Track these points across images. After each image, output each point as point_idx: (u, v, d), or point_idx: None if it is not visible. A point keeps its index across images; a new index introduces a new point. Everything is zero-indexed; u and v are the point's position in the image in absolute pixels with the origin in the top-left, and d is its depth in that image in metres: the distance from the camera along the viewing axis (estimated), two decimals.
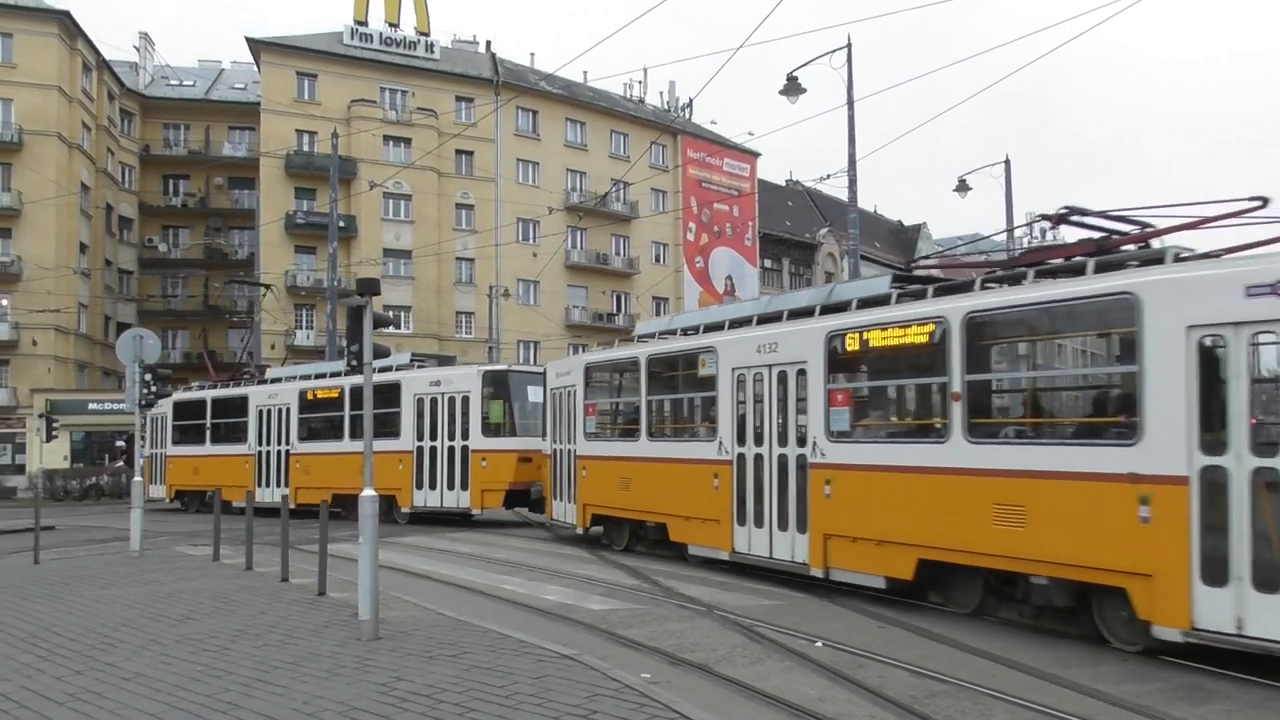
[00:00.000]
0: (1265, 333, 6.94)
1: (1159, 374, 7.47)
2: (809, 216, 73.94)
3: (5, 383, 41.73)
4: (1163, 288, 7.54)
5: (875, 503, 9.96)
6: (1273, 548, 6.72)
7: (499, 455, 19.16)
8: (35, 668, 6.96)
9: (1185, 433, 7.24)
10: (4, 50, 43.47)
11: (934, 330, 9.39)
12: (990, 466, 8.72)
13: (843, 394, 10.81)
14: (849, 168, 22.80)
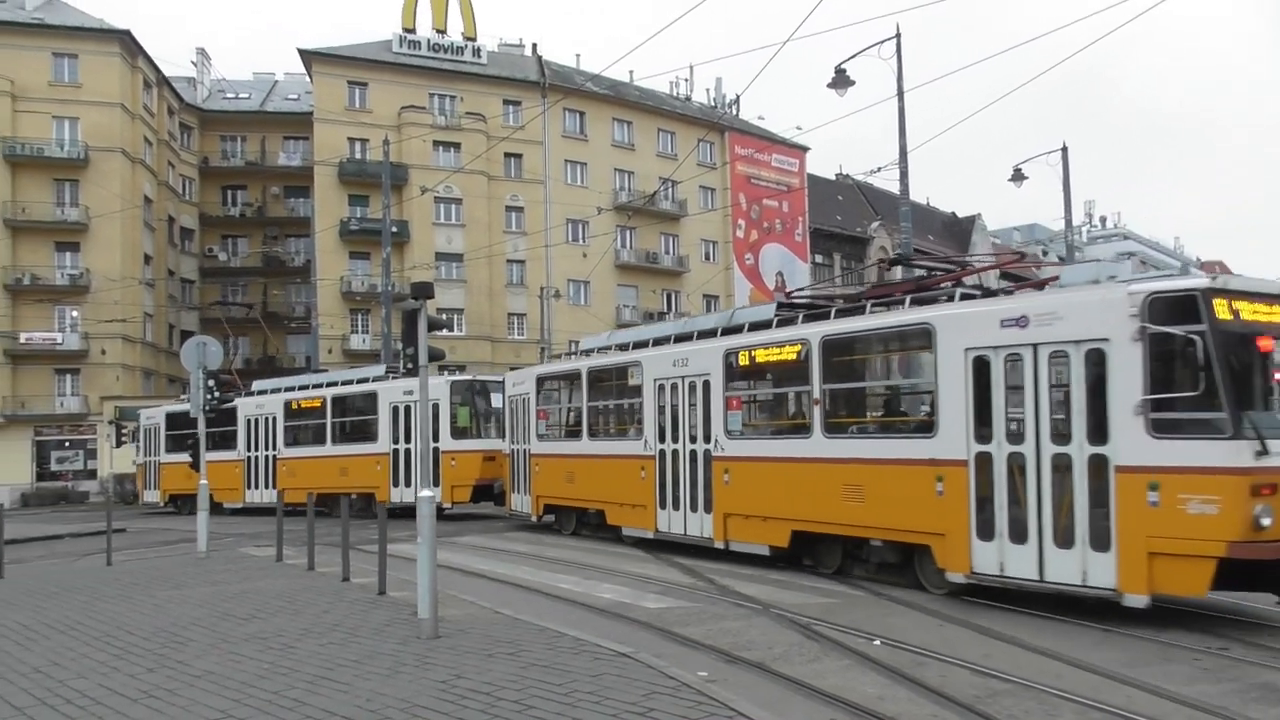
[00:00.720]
0: (1012, 353, 9.38)
1: (947, 384, 9.93)
2: (860, 210, 73.23)
3: (77, 391, 43.00)
4: (949, 319, 10.16)
5: (761, 487, 12.49)
6: (1022, 511, 9.14)
7: (466, 455, 21.27)
8: (110, 665, 7.18)
9: (965, 427, 9.67)
10: (69, 71, 44.75)
11: (801, 349, 11.94)
12: (841, 456, 11.26)
13: (736, 400, 13.50)
14: (900, 160, 22.57)
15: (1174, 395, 8.32)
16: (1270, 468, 7.97)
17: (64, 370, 43.98)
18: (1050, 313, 9.17)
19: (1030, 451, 9.17)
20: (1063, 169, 29.95)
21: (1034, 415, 9.19)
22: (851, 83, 21.76)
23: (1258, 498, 7.94)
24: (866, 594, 10.17)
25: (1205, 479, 8.08)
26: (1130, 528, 8.38)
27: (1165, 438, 8.28)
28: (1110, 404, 8.61)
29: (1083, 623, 8.53)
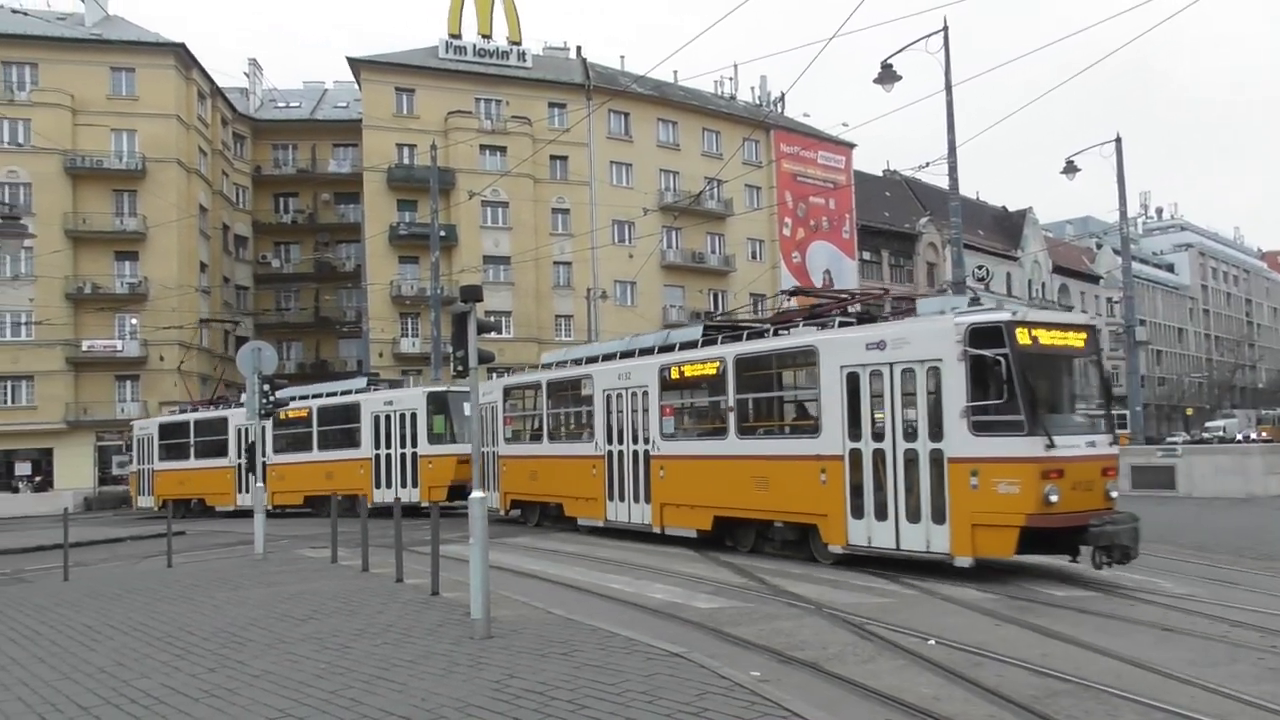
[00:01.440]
0: (875, 370, 11.74)
1: (828, 394, 12.28)
2: (908, 206, 72.48)
3: (136, 397, 44.02)
4: (828, 342, 12.60)
5: (689, 480, 15.06)
6: (884, 495, 11.51)
7: (441, 459, 23.60)
8: (172, 665, 7.32)
9: (841, 429, 12.08)
10: (127, 84, 45.83)
11: (719, 366, 14.46)
12: (751, 454, 13.72)
13: (669, 407, 15.84)
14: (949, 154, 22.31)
15: (987, 403, 10.68)
16: (1057, 457, 10.47)
17: (124, 377, 45.05)
18: (901, 338, 11.63)
19: (889, 448, 11.57)
20: (1116, 160, 29.36)
21: (891, 419, 11.61)
22: (898, 78, 21.57)
23: (1047, 480, 10.36)
24: (920, 593, 10.05)
25: (1009, 466, 10.50)
26: (959, 505, 10.80)
27: (982, 435, 10.68)
28: (945, 410, 10.96)
29: (1142, 622, 8.37)
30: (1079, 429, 11.28)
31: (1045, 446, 10.43)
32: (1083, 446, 10.99)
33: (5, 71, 44.12)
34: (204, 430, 29.13)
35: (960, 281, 23.19)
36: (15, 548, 20.06)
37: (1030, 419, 10.50)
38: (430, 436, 23.80)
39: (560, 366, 19.29)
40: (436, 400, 24.17)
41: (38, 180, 43.77)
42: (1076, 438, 10.96)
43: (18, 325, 43.16)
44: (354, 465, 24.73)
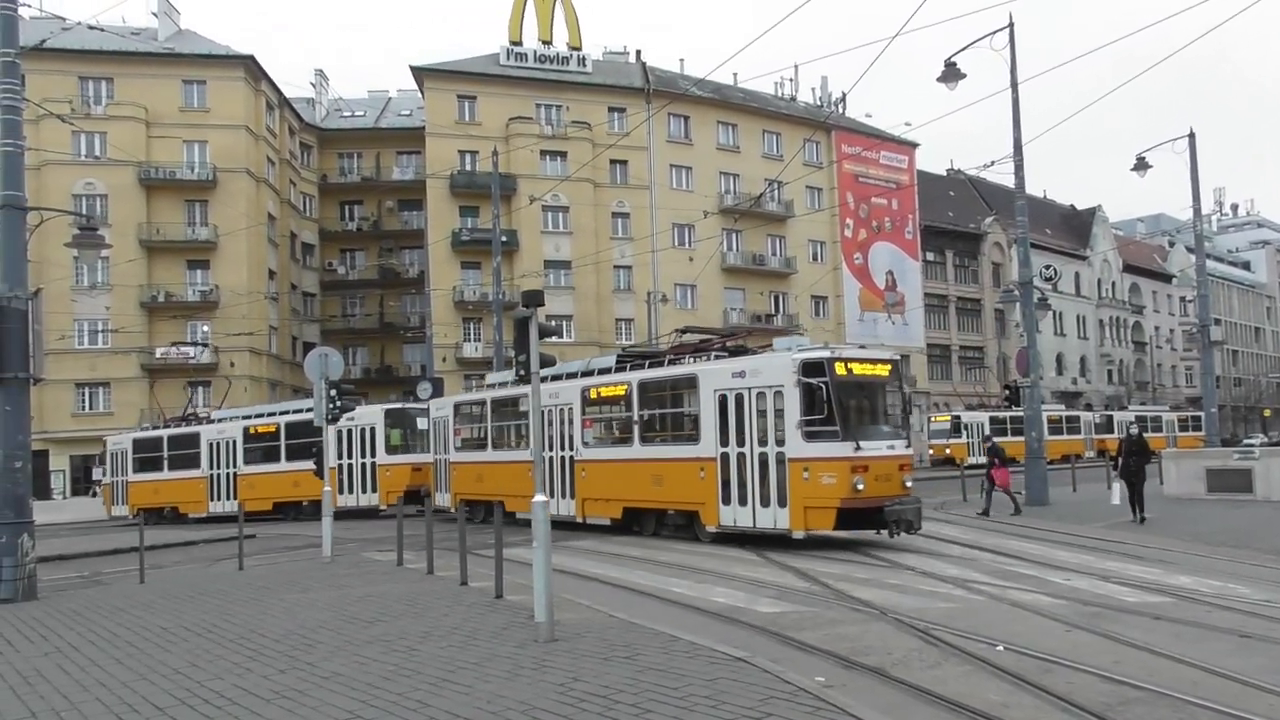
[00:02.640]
0: (738, 393, 15.34)
1: (705, 411, 15.97)
2: (972, 206, 71.33)
3: (208, 402, 45.13)
4: (706, 371, 16.28)
5: (604, 479, 18.55)
6: (744, 487, 15.14)
7: (397, 467, 26.79)
8: (244, 667, 7.48)
9: (715, 438, 15.69)
10: (199, 96, 47.13)
11: (627, 388, 18.19)
12: (651, 457, 17.35)
13: (589, 421, 19.34)
14: (1014, 153, 21.90)
15: (814, 417, 14.35)
16: (863, 457, 14.20)
17: (196, 383, 46.20)
18: (756, 369, 15.57)
19: (749, 451, 15.32)
20: (1190, 156, 28.52)
21: (750, 429, 15.30)
22: (962, 76, 21.21)
23: (856, 474, 14.14)
24: (988, 599, 9.87)
25: (829, 464, 14.25)
26: (795, 493, 14.49)
27: (811, 441, 14.38)
28: (786, 423, 14.70)
29: (1219, 629, 8.11)
30: (882, 436, 15.04)
31: (854, 449, 14.24)
32: (884, 449, 14.84)
33: (83, 86, 45.64)
34: (177, 445, 31.48)
35: (1027, 281, 22.72)
36: (93, 551, 20.67)
37: (844, 429, 14.35)
38: (387, 448, 27.03)
39: (502, 387, 22.85)
40: (393, 416, 27.66)
41: (114, 191, 45.20)
42: (879, 442, 14.79)
43: (95, 333, 44.55)
44: None
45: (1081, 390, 72.78)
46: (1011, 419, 48.48)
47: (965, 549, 14.17)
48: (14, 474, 12.26)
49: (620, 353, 21.11)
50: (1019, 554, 13.35)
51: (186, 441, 31.21)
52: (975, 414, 48.84)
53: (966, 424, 47.76)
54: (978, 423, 47.65)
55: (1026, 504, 21.75)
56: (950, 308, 66.95)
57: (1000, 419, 48.17)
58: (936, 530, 16.83)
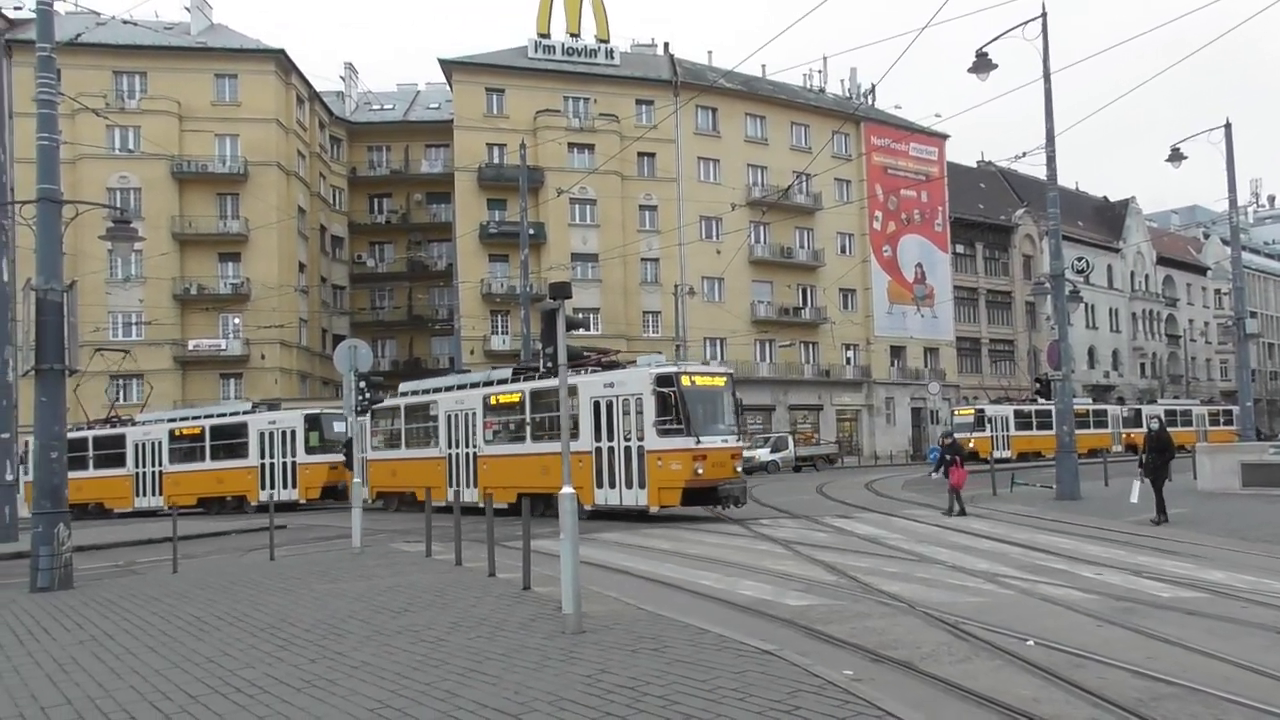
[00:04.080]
0: (609, 400, 19.73)
1: (584, 414, 20.09)
2: (1003, 198, 70.68)
3: (240, 394, 45.63)
4: (584, 383, 20.12)
5: (502, 471, 22.70)
6: (613, 473, 19.63)
7: (315, 466, 29.85)
8: (275, 656, 7.55)
9: (591, 434, 19.95)
10: (230, 90, 47.57)
11: (520, 396, 22.46)
12: (540, 452, 21.31)
13: (490, 423, 23.53)
14: (1047, 144, 21.64)
15: (666, 418, 18.75)
16: (702, 449, 18.73)
17: (228, 375, 46.77)
18: (622, 381, 19.82)
19: (617, 445, 19.66)
20: (1226, 147, 28.06)
21: (618, 428, 19.73)
22: (994, 66, 20.98)
23: (696, 461, 18.68)
24: (1018, 593, 9.77)
25: (676, 454, 18.72)
26: (651, 477, 18.90)
27: (663, 437, 18.79)
28: (645, 423, 19.08)
29: (1253, 625, 7.99)
30: (718, 432, 19.59)
31: (696, 443, 18.82)
32: (719, 442, 19.42)
33: (117, 80, 46.20)
34: (103, 445, 33.63)
35: (1059, 274, 22.47)
36: (127, 540, 20.97)
37: (688, 427, 18.87)
38: (307, 449, 29.77)
39: (414, 394, 27.05)
40: (311, 420, 30.48)
41: (147, 185, 45.73)
42: (716, 438, 19.36)
43: (129, 325, 45.15)
44: (241, 472, 30.32)
45: (1114, 384, 71.98)
46: (1037, 412, 47.99)
47: (995, 543, 14.04)
48: (50, 464, 12.45)
49: (515, 367, 25.65)
50: (1049, 548, 13.21)
51: (113, 442, 33.46)
52: (1000, 407, 48.14)
53: (991, 417, 46.98)
54: (1002, 416, 47.09)
55: (1057, 498, 21.55)
56: (980, 300, 66.38)
57: (1025, 412, 47.64)
58: (965, 524, 16.71)
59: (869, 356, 58.54)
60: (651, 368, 19.67)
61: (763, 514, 20.53)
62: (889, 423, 59.08)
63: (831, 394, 57.12)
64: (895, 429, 59.48)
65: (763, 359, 54.77)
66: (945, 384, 56.35)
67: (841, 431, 57.61)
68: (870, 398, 58.41)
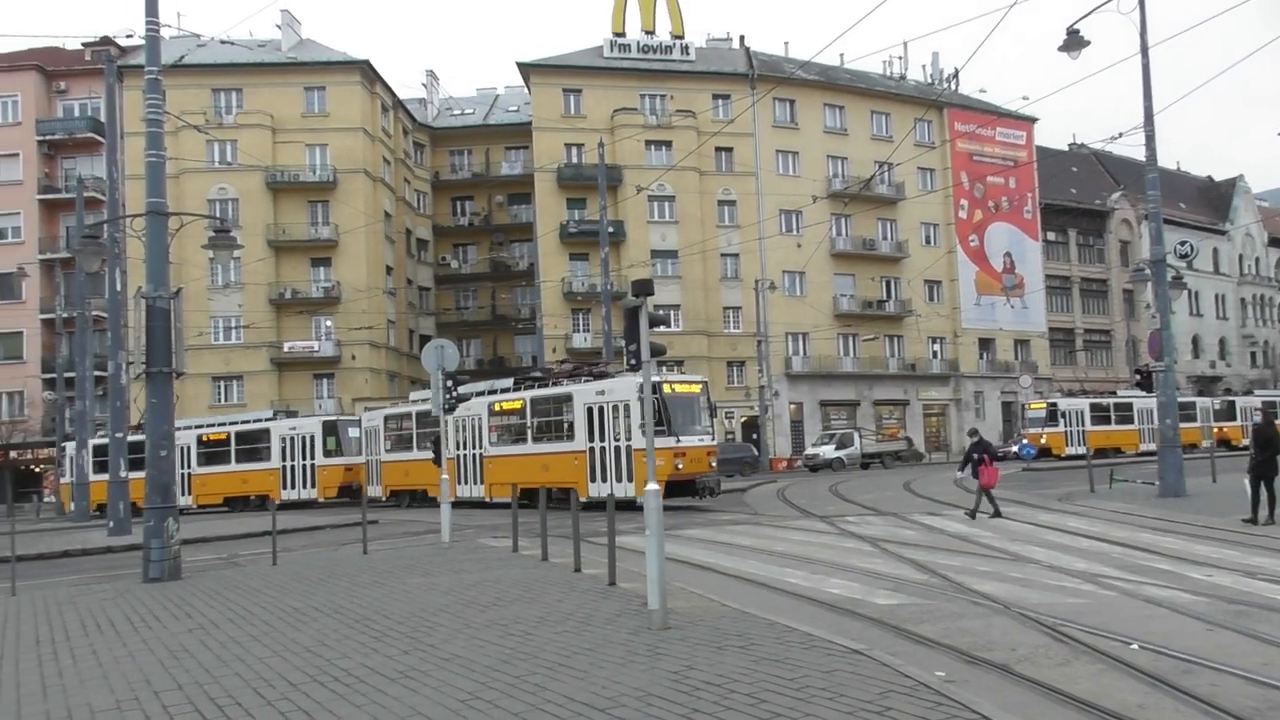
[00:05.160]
0: (599, 405, 23.33)
1: (578, 418, 23.78)
2: (1097, 181, 68.41)
3: (333, 393, 46.93)
4: (578, 390, 24.17)
5: (505, 469, 25.69)
6: (605, 469, 23.03)
7: (332, 468, 33.22)
8: (371, 647, 7.74)
9: (585, 436, 23.53)
10: (319, 102, 48.95)
11: (522, 403, 25.95)
12: (540, 452, 25.01)
13: (494, 427, 27.00)
14: (1145, 123, 20.82)
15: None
16: (682, 446, 21.78)
17: (321, 375, 48.12)
18: (612, 389, 22.94)
19: (609, 445, 22.69)
20: None
21: (609, 430, 22.83)
22: (1086, 43, 20.22)
23: (677, 458, 21.64)
24: (1120, 594, 9.44)
25: (661, 452, 20.09)
26: (638, 472, 21.47)
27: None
28: (631, 425, 22.07)
29: None
30: (695, 433, 22.75)
31: (676, 442, 21.83)
32: (696, 441, 22.56)
33: (215, 98, 47.95)
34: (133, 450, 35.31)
35: (1160, 259, 21.63)
36: (229, 534, 21.81)
37: (670, 428, 21.78)
38: (324, 452, 33.07)
39: (423, 402, 28.92)
40: (328, 426, 33.76)
41: (243, 195, 47.36)
42: (693, 437, 22.55)
43: (229, 329, 46.79)
44: (264, 474, 33.44)
45: (1221, 374, 69.04)
46: (1116, 405, 45.98)
47: (1094, 542, 13.59)
48: (160, 462, 13.02)
49: (516, 377, 29.39)
50: (1153, 548, 12.73)
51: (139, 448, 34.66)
52: (1074, 400, 45.70)
53: (1064, 411, 44.83)
54: (1076, 410, 44.81)
55: (1160, 495, 20.72)
56: (1074, 289, 64.40)
57: (1102, 405, 45.60)
58: (1061, 522, 16.23)
59: (956, 350, 57.32)
60: (636, 377, 20.31)
61: (848, 510, 20.27)
62: (978, 417, 57.68)
63: (917, 388, 56.09)
64: (985, 424, 58.11)
65: (846, 353, 54.07)
66: (1038, 377, 54.76)
67: (928, 427, 56.52)
68: (958, 392, 57.18)
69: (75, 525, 28.71)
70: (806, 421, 52.24)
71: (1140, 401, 47.49)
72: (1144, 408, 47.06)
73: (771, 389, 48.69)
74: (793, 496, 25.70)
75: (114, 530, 21.80)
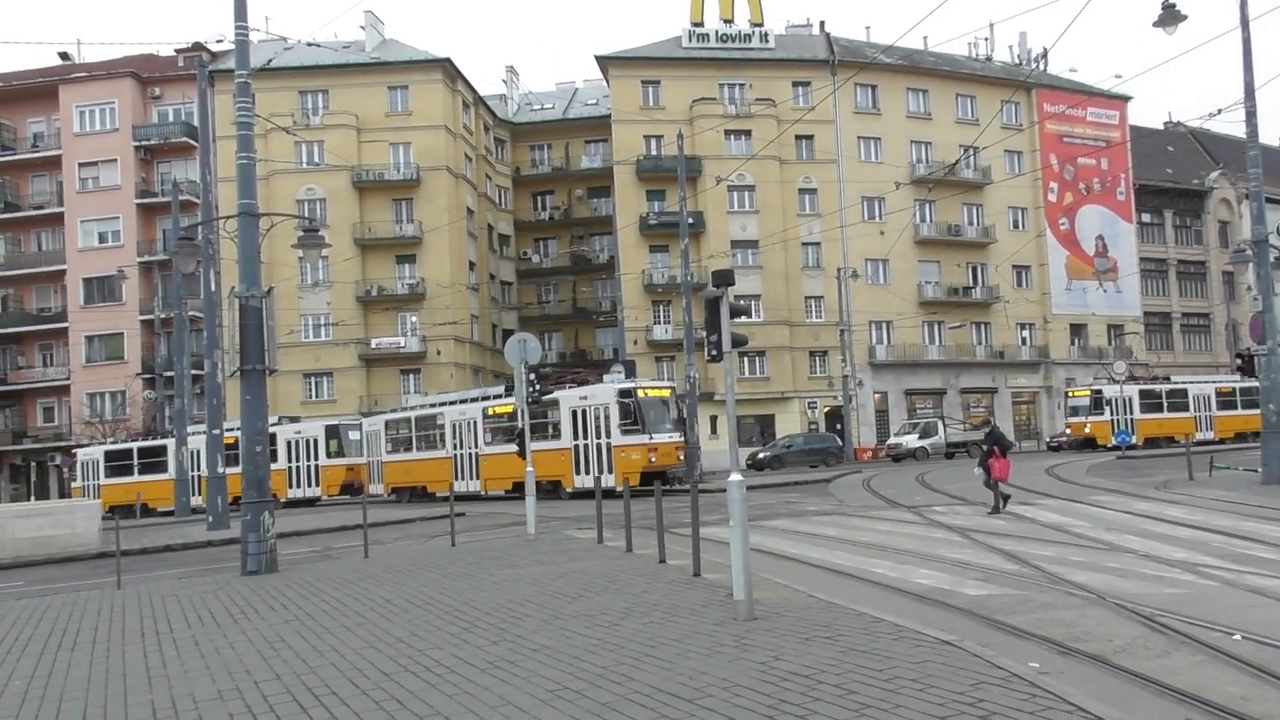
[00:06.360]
0: (583, 409, 28.00)
1: (565, 420, 28.30)
2: (1195, 160, 65.77)
3: (419, 388, 47.88)
4: (564, 396, 28.47)
5: (500, 465, 29.31)
6: (588, 463, 27.36)
7: (335, 468, 35.97)
8: (460, 638, 7.90)
9: (571, 435, 28.03)
10: (402, 101, 49.91)
11: (514, 408, 27.40)
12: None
13: (488, 428, 30.64)
14: (1246, 99, 19.99)
15: (626, 421, 26.78)
16: (654, 443, 26.80)
17: (407, 370, 49.15)
18: (594, 394, 27.78)
19: (591, 443, 27.06)
20: None
21: (592, 429, 27.39)
22: (1183, 17, 19.46)
23: (650, 452, 26.71)
24: (1221, 584, 9.11)
25: (636, 448, 26.65)
26: (618, 465, 26.48)
27: (625, 435, 26.74)
28: (611, 425, 26.92)
29: None
30: (666, 431, 27.29)
31: (649, 439, 26.51)
32: (666, 438, 27.04)
33: (302, 100, 49.23)
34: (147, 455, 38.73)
35: (1262, 239, 20.73)
36: (323, 528, 22.44)
37: (644, 427, 26.58)
38: (328, 454, 35.62)
39: (423, 408, 34.13)
40: (330, 431, 36.22)
41: (331, 195, 48.57)
42: (664, 434, 27.06)
43: (318, 327, 48.11)
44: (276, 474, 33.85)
45: None
46: (1169, 393, 43.75)
47: (1193, 530, 13.13)
48: (255, 457, 13.45)
49: (507, 384, 30.35)
50: (1256, 536, 12.25)
51: (154, 451, 38.41)
52: (1122, 388, 42.85)
53: (1110, 399, 42.53)
54: (1124, 398, 42.38)
55: (1263, 482, 19.92)
56: (1170, 272, 62.07)
57: (1154, 393, 43.41)
58: (1159, 511, 15.71)
59: (1046, 336, 55.78)
60: (615, 385, 27.38)
61: (935, 500, 19.93)
62: None
63: (1006, 376, 54.75)
64: None
65: (931, 341, 53.07)
66: (1133, 362, 52.91)
67: (1018, 415, 55.14)
68: (1048, 379, 55.64)
69: (177, 521, 29.92)
70: (891, 411, 51.45)
71: (1196, 388, 45.28)
72: (1200, 394, 44.85)
73: (855, 378, 48.06)
74: (878, 486, 25.37)
75: (213, 525, 22.52)
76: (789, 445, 42.10)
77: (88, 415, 50.44)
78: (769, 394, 49.04)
